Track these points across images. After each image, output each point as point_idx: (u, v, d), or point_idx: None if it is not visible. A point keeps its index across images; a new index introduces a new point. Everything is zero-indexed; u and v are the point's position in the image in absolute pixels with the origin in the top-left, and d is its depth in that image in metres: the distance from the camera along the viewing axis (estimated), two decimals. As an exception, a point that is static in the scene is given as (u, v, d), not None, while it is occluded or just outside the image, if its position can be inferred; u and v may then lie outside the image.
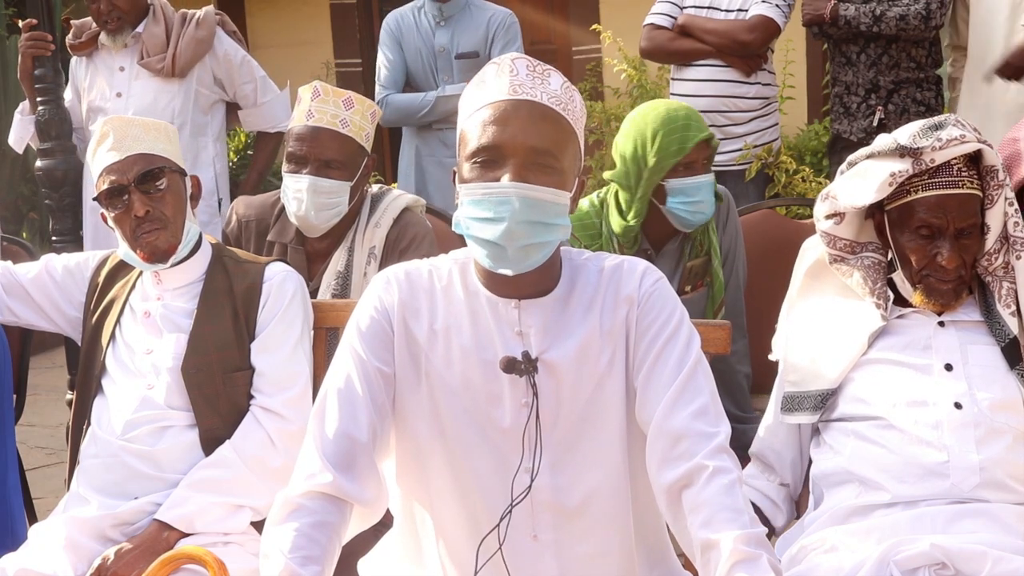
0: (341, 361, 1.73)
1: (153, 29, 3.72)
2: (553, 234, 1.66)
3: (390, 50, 4.16)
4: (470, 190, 1.65)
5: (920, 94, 3.87)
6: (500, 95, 1.66)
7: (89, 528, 2.20)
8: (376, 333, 1.73)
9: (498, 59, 1.71)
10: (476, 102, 1.69)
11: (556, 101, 1.67)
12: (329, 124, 2.69)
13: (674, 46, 4.02)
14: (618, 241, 2.84)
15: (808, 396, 2.16)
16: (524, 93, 1.65)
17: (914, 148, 2.06)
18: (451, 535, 1.74)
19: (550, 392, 1.71)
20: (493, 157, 1.64)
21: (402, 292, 1.76)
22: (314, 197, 2.67)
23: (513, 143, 1.63)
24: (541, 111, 1.65)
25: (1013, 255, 2.12)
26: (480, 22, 4.14)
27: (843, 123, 3.96)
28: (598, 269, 1.77)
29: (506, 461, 1.70)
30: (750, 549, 1.54)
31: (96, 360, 2.36)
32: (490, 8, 4.20)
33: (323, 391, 1.72)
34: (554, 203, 1.65)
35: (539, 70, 1.69)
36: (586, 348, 1.72)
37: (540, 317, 1.72)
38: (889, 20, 3.72)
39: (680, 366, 1.69)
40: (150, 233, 2.30)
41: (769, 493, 2.23)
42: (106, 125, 2.35)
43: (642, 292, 1.74)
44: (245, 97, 3.89)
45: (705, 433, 1.65)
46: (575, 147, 1.70)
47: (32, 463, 3.95)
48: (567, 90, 1.70)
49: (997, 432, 2.00)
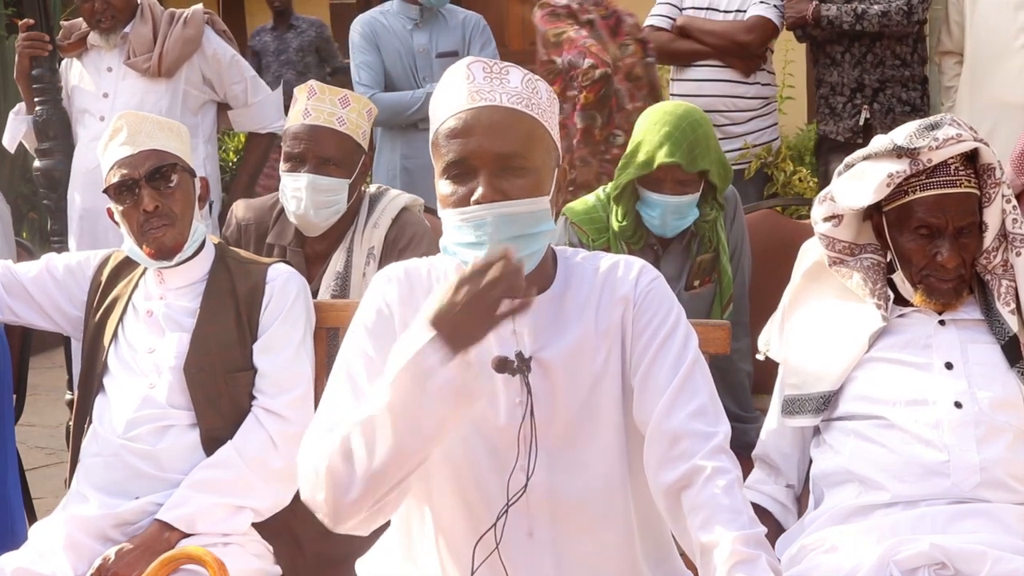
0: (347, 358, 1.73)
1: (140, 29, 3.68)
2: (538, 243, 1.66)
3: (367, 52, 4.18)
4: (448, 216, 1.66)
5: (906, 94, 3.89)
6: (460, 105, 1.66)
7: (90, 528, 2.20)
8: (381, 330, 1.73)
9: (454, 66, 1.71)
10: (440, 113, 1.69)
11: (517, 99, 1.66)
12: (326, 122, 2.69)
13: (673, 47, 4.04)
14: (624, 240, 2.84)
15: (810, 399, 2.15)
16: (483, 99, 1.65)
17: (911, 148, 2.06)
18: (450, 532, 1.74)
19: (545, 391, 1.70)
20: (463, 171, 1.64)
21: (402, 290, 1.76)
22: (313, 195, 2.67)
23: (480, 153, 1.63)
24: (502, 113, 1.65)
25: (1012, 252, 2.12)
26: (455, 24, 4.25)
27: (829, 124, 3.99)
28: (594, 269, 1.77)
29: (502, 459, 1.70)
30: (749, 550, 1.54)
31: (98, 359, 2.36)
32: (460, 11, 4.31)
33: (328, 387, 1.72)
34: (531, 213, 1.65)
35: (496, 70, 1.68)
36: (581, 347, 1.72)
37: (534, 317, 1.71)
38: (871, 17, 3.74)
39: (677, 366, 1.69)
40: (158, 229, 2.30)
41: (778, 497, 2.23)
42: (120, 119, 2.36)
43: (638, 292, 1.74)
44: (235, 97, 3.84)
45: (704, 433, 1.64)
46: (545, 141, 1.69)
47: (32, 463, 3.94)
48: (528, 83, 1.69)
49: (998, 431, 2.00)
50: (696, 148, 2.73)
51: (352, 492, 1.55)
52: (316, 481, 1.58)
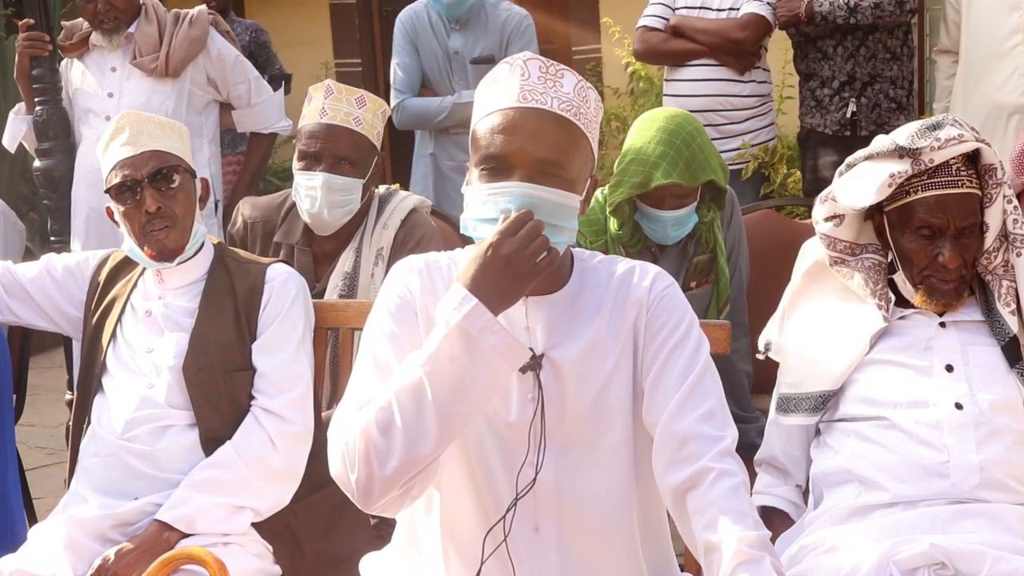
0: (371, 340, 1.73)
1: (146, 29, 3.68)
2: (559, 236, 1.66)
3: (406, 53, 4.12)
4: (476, 191, 1.66)
5: (893, 91, 3.91)
6: (510, 101, 1.66)
7: (89, 528, 2.20)
8: (405, 313, 1.73)
9: (511, 59, 1.70)
10: (487, 105, 1.69)
11: (567, 106, 1.67)
12: (343, 122, 2.69)
13: (667, 47, 4.03)
14: (623, 244, 2.83)
15: (806, 398, 2.16)
16: (534, 100, 1.65)
17: (913, 148, 2.06)
18: (460, 524, 1.75)
19: (556, 389, 1.71)
20: (500, 166, 1.64)
21: (423, 279, 1.76)
22: (328, 194, 2.67)
23: (520, 154, 1.63)
24: (550, 120, 1.65)
25: (1013, 252, 2.12)
26: (495, 25, 4.09)
27: (815, 116, 3.99)
28: (609, 273, 1.78)
29: (513, 454, 1.71)
30: (753, 551, 1.55)
31: (97, 359, 2.36)
32: (505, 9, 4.14)
33: (355, 371, 1.72)
34: (562, 205, 1.65)
35: (552, 71, 1.68)
36: (593, 348, 1.73)
37: (547, 314, 1.73)
38: (864, 9, 3.76)
39: (688, 370, 1.70)
40: (160, 231, 2.30)
41: (792, 498, 2.23)
42: (122, 120, 2.36)
43: (652, 297, 1.75)
44: (238, 97, 3.85)
45: (712, 436, 1.65)
46: (585, 151, 1.70)
47: (32, 463, 3.95)
48: (580, 91, 1.69)
49: (998, 432, 2.00)
50: (694, 163, 2.68)
51: (390, 464, 1.56)
52: (350, 456, 1.59)
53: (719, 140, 3.92)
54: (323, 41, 8.45)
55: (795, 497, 2.23)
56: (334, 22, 8.42)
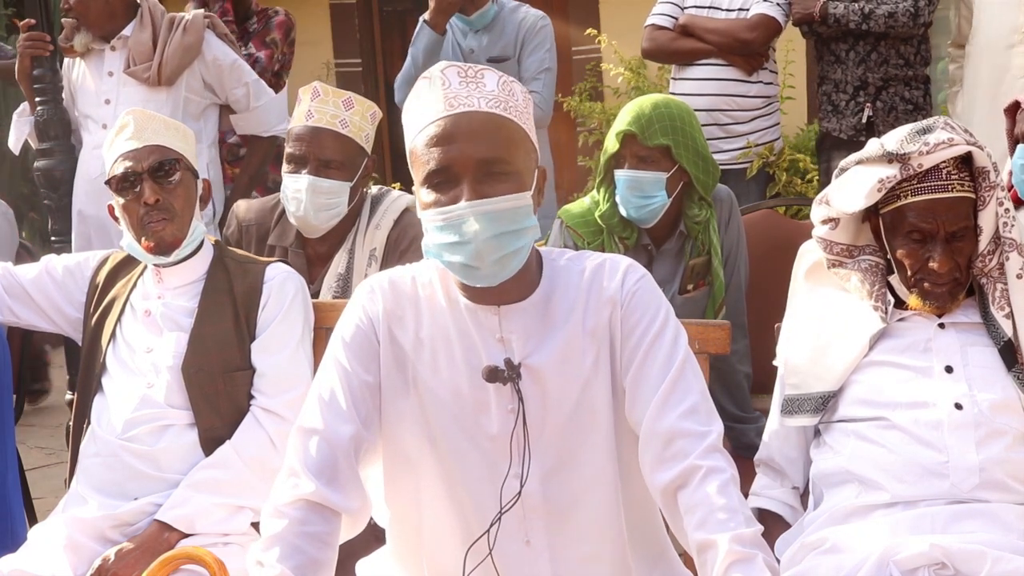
0: (325, 372, 1.73)
1: (140, 36, 3.64)
2: (524, 238, 1.65)
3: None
4: (430, 217, 1.64)
5: (908, 92, 3.90)
6: (437, 112, 1.64)
7: (89, 528, 2.20)
8: (360, 344, 1.72)
9: (427, 73, 1.69)
10: (417, 122, 1.67)
11: (495, 103, 1.65)
12: (328, 124, 2.69)
13: (676, 46, 4.03)
14: (618, 236, 2.84)
15: (809, 399, 2.15)
16: (460, 105, 1.63)
17: (901, 154, 2.05)
18: (443, 541, 1.74)
19: (536, 397, 1.70)
20: (446, 179, 1.63)
21: (387, 301, 1.75)
22: (313, 197, 2.67)
23: (461, 159, 1.61)
24: (481, 119, 1.63)
25: (1003, 256, 2.12)
26: (511, 27, 4.05)
27: (832, 121, 3.99)
28: (579, 270, 1.76)
29: (496, 468, 1.70)
30: (746, 549, 1.54)
31: (97, 359, 2.36)
32: (522, 11, 4.11)
33: (306, 403, 1.72)
34: (515, 209, 1.63)
35: (471, 73, 1.66)
36: (569, 350, 1.71)
37: (521, 322, 1.71)
38: (878, 18, 3.75)
39: (668, 365, 1.68)
40: (157, 223, 2.31)
41: (787, 500, 2.22)
42: (127, 115, 2.37)
43: (625, 292, 1.73)
44: (237, 101, 3.82)
45: (697, 433, 1.64)
46: (525, 143, 1.68)
47: (32, 463, 3.95)
48: (504, 86, 1.67)
49: (997, 433, 2.00)
50: (657, 123, 2.72)
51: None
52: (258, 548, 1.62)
53: (724, 139, 3.92)
54: (323, 41, 8.44)
55: (790, 499, 2.23)
56: (334, 22, 8.41)
